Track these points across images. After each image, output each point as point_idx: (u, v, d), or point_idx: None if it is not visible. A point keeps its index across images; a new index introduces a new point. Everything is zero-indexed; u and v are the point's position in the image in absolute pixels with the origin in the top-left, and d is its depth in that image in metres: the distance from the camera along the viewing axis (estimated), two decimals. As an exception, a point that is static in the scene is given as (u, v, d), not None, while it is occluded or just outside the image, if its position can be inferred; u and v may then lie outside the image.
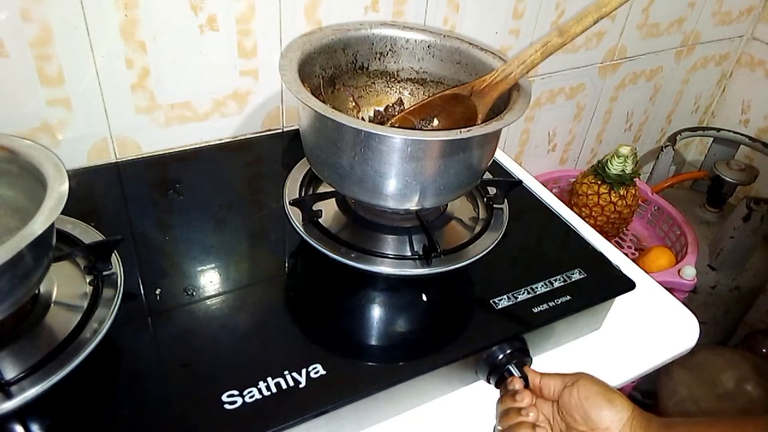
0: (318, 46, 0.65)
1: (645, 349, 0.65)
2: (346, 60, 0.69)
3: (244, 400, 0.48)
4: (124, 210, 0.69)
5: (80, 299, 0.54)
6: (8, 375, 0.46)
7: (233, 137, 0.83)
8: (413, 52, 0.71)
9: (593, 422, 0.49)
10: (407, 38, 0.71)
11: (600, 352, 0.64)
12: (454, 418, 0.56)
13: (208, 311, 0.56)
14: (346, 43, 0.68)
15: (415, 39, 0.71)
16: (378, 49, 0.71)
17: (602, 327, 0.66)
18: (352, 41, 0.69)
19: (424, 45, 0.71)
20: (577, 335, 0.65)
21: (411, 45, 0.71)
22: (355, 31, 0.69)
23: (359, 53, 0.70)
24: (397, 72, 0.73)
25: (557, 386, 0.52)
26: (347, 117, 0.53)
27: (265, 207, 0.70)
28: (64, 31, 0.65)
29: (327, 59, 0.67)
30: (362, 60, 0.71)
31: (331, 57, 0.67)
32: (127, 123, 0.75)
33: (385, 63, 0.72)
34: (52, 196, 0.46)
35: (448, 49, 0.70)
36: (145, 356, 0.52)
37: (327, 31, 0.67)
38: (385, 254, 0.62)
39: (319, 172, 0.62)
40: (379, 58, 0.71)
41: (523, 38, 0.98)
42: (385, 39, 0.71)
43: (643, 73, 1.23)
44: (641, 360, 0.64)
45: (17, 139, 0.52)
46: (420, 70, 0.72)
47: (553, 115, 1.16)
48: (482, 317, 0.58)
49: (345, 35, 0.68)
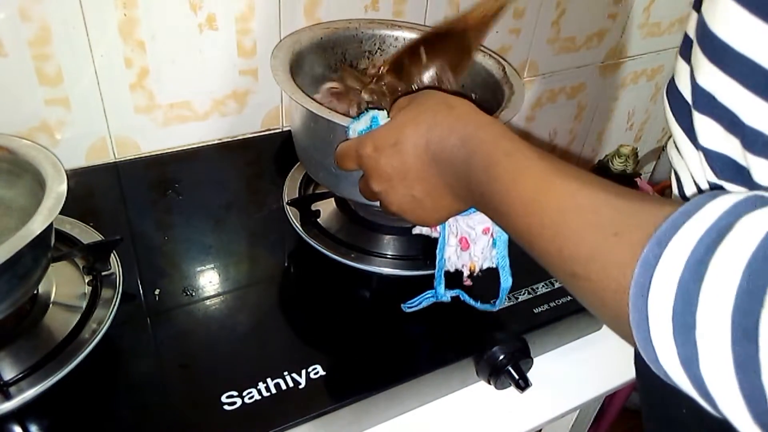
0: (308, 45, 0.65)
1: (646, 350, 0.65)
2: (335, 59, 0.69)
3: (244, 401, 0.48)
4: (123, 210, 0.69)
5: (79, 299, 0.54)
6: (7, 375, 0.46)
7: (232, 137, 0.83)
8: None
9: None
10: (396, 36, 0.70)
11: (600, 352, 0.64)
12: (454, 419, 0.56)
13: (208, 311, 0.56)
14: (335, 42, 0.68)
15: (404, 37, 0.70)
16: (367, 48, 0.71)
17: (603, 327, 0.66)
18: (341, 40, 0.68)
19: None
20: (578, 335, 0.64)
21: (399, 43, 0.71)
22: (343, 30, 0.69)
23: (348, 52, 0.70)
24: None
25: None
26: (342, 117, 0.53)
27: (265, 207, 0.70)
28: (63, 31, 0.65)
29: (317, 58, 0.67)
30: (351, 58, 0.70)
31: (320, 56, 0.67)
32: (126, 123, 0.74)
33: (374, 61, 0.72)
34: (50, 196, 0.46)
35: None
36: (144, 357, 0.52)
37: (316, 30, 0.67)
38: (384, 254, 0.62)
39: (313, 173, 0.62)
40: (368, 56, 0.71)
41: (523, 37, 0.98)
42: (374, 37, 0.70)
43: (645, 72, 1.23)
44: (642, 360, 0.64)
45: (16, 138, 0.52)
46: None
47: (554, 115, 1.16)
48: (483, 318, 0.58)
49: (334, 34, 0.68)
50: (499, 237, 0.48)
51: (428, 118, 0.41)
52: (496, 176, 0.35)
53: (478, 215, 0.48)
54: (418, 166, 0.41)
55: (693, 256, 0.24)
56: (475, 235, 0.49)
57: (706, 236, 0.24)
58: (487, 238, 0.49)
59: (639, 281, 0.25)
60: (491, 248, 0.50)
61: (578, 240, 0.30)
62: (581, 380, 0.61)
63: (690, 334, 0.23)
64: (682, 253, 0.24)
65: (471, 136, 0.38)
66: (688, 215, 0.25)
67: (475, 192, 0.38)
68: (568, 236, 0.30)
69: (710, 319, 0.23)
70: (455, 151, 0.38)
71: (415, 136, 0.40)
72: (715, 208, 0.25)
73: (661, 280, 0.24)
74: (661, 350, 0.25)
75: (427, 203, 0.42)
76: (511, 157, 0.36)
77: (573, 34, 1.04)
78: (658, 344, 0.25)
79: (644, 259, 0.25)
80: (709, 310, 0.23)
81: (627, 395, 1.13)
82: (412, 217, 0.44)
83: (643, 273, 0.25)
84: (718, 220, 0.24)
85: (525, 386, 0.54)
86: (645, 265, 0.25)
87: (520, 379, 0.55)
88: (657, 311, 0.25)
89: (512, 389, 0.56)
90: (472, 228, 0.49)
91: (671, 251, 0.25)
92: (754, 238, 0.23)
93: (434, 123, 0.40)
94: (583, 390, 0.60)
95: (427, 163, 0.40)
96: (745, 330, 0.22)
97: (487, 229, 0.49)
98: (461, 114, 0.40)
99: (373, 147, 0.43)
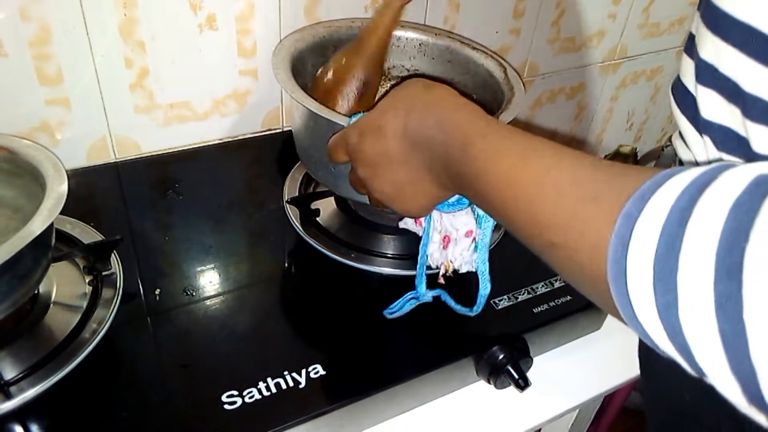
0: (309, 44, 0.65)
1: (645, 349, 0.65)
2: None
3: (244, 401, 0.48)
4: (124, 210, 0.69)
5: (79, 299, 0.54)
6: (7, 375, 0.46)
7: (232, 137, 0.83)
8: (404, 50, 0.71)
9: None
10: (398, 36, 0.70)
11: (600, 352, 0.64)
12: (454, 419, 0.56)
13: (208, 311, 0.56)
14: (337, 41, 0.68)
15: (406, 37, 0.70)
16: None
17: (602, 327, 0.66)
18: (344, 39, 0.68)
19: (415, 43, 0.71)
20: (578, 335, 0.65)
21: (402, 43, 0.71)
22: (346, 29, 0.69)
23: None
24: (388, 70, 0.72)
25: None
26: (344, 117, 0.53)
27: (265, 207, 0.70)
28: (63, 31, 0.65)
29: (318, 57, 0.67)
30: None
31: (322, 55, 0.67)
32: (127, 122, 0.75)
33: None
34: (51, 196, 0.46)
35: (439, 48, 0.70)
36: (144, 357, 0.52)
37: (318, 29, 0.67)
38: (384, 254, 0.62)
39: (313, 172, 0.62)
40: None
41: (523, 38, 0.98)
42: None
43: (644, 72, 1.23)
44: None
45: (16, 139, 0.52)
46: (411, 69, 0.72)
47: (554, 115, 1.16)
48: (482, 317, 0.58)
49: (336, 33, 0.68)
50: (481, 241, 0.47)
51: (406, 102, 0.41)
52: (473, 156, 0.36)
53: (463, 216, 0.47)
54: (398, 150, 0.41)
55: (677, 204, 0.24)
56: (457, 236, 0.49)
57: (690, 187, 0.24)
58: (468, 241, 0.49)
59: (620, 233, 0.25)
60: (471, 252, 0.49)
61: (555, 209, 0.30)
62: (581, 380, 0.61)
63: (671, 278, 0.23)
64: (665, 203, 0.24)
65: (447, 117, 0.39)
66: (671, 175, 0.25)
67: (453, 174, 0.38)
68: (544, 207, 0.31)
69: (693, 259, 0.22)
70: (432, 133, 0.39)
71: (395, 120, 0.41)
72: (698, 169, 0.25)
73: (644, 228, 0.24)
74: (639, 301, 0.24)
75: (410, 189, 0.43)
76: (487, 137, 0.36)
77: (573, 34, 1.04)
78: (636, 295, 0.24)
79: (626, 212, 0.25)
80: (692, 251, 0.22)
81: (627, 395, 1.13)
82: (397, 206, 0.44)
83: (624, 224, 0.25)
84: (701, 175, 0.24)
85: (525, 386, 0.55)
86: (627, 217, 0.25)
87: (520, 378, 0.55)
88: (637, 260, 0.24)
89: (512, 389, 0.56)
90: (456, 229, 0.49)
91: (655, 202, 0.24)
92: (740, 184, 0.23)
93: (412, 107, 0.41)
94: (582, 389, 0.60)
95: (408, 146, 0.41)
96: (728, 268, 0.21)
97: (470, 232, 0.48)
98: (437, 97, 0.41)
99: (358, 134, 0.44)
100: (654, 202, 0.24)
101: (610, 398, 1.12)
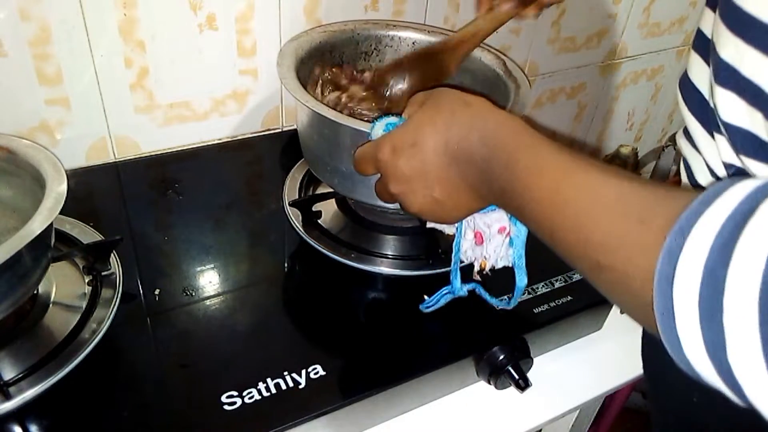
0: (308, 50, 0.65)
1: (646, 350, 0.65)
2: (333, 62, 0.69)
3: (244, 401, 0.48)
4: (123, 210, 0.69)
5: (79, 299, 0.54)
6: (7, 375, 0.46)
7: (232, 137, 0.83)
8: (398, 50, 0.71)
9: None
10: (392, 36, 0.70)
11: (600, 352, 0.64)
12: (454, 419, 0.56)
13: (208, 312, 0.56)
14: (332, 45, 0.68)
15: (399, 37, 0.71)
16: (363, 49, 0.71)
17: (603, 327, 0.66)
18: (338, 42, 0.69)
19: (408, 42, 0.71)
20: (578, 335, 0.64)
21: (395, 43, 0.71)
22: (339, 33, 0.69)
23: (345, 54, 0.70)
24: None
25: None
26: (351, 119, 0.53)
27: (265, 207, 0.70)
28: (63, 31, 0.65)
29: (317, 61, 0.67)
30: (348, 60, 0.70)
31: (320, 59, 0.67)
32: (126, 122, 0.74)
33: (371, 62, 0.72)
34: (50, 195, 0.46)
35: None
36: (144, 357, 0.52)
37: (313, 34, 0.67)
38: (384, 254, 0.62)
39: (318, 173, 0.62)
40: (365, 57, 0.71)
41: (523, 37, 0.98)
42: (370, 38, 0.71)
43: (645, 72, 1.22)
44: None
45: (16, 138, 0.52)
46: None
47: (554, 115, 1.16)
48: (483, 318, 0.58)
49: (331, 37, 0.68)
50: (517, 236, 0.48)
51: (446, 116, 0.40)
52: (518, 172, 0.35)
53: (495, 214, 0.48)
54: (437, 166, 0.40)
55: (717, 242, 0.24)
56: (489, 234, 0.49)
57: (728, 222, 0.24)
58: (501, 238, 0.49)
59: (663, 270, 0.25)
60: (506, 247, 0.49)
61: (602, 229, 0.30)
62: (581, 380, 0.61)
63: (717, 319, 0.23)
64: (705, 240, 0.24)
65: (491, 133, 0.38)
66: (708, 203, 0.25)
67: (495, 189, 0.38)
68: (591, 227, 0.30)
69: (738, 302, 0.23)
70: (475, 150, 0.38)
71: (434, 136, 0.40)
72: (735, 194, 0.25)
73: (686, 267, 0.24)
74: (687, 338, 0.25)
75: (448, 203, 0.42)
76: (531, 152, 0.36)
77: (573, 34, 1.04)
78: (684, 332, 0.25)
79: (667, 248, 0.25)
80: (736, 293, 0.23)
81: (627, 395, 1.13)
82: (432, 217, 0.44)
83: (667, 262, 0.25)
84: (740, 205, 0.24)
85: (525, 386, 0.54)
86: (669, 254, 0.25)
87: (520, 379, 0.55)
88: (683, 298, 0.24)
89: (512, 389, 0.56)
90: (488, 226, 0.49)
91: (694, 239, 0.24)
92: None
93: (452, 122, 0.40)
94: (583, 390, 0.60)
95: (447, 162, 0.40)
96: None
97: (503, 228, 0.48)
98: (478, 111, 0.40)
99: (391, 149, 0.43)
100: (693, 239, 0.24)
101: (611, 398, 1.12)
